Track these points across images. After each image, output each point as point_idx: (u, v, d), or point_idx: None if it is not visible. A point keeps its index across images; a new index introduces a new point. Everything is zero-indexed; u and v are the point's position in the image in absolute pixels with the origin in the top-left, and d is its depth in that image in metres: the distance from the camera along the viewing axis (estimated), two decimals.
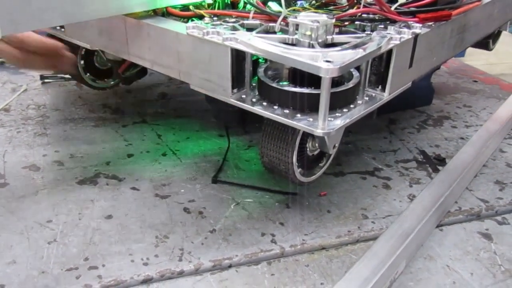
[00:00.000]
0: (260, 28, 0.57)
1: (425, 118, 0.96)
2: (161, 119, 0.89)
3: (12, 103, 0.94)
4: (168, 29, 0.58)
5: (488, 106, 1.04)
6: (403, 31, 0.55)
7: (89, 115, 0.90)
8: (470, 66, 1.30)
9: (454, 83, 1.17)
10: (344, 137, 0.58)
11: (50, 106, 0.93)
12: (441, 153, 0.82)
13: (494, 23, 0.87)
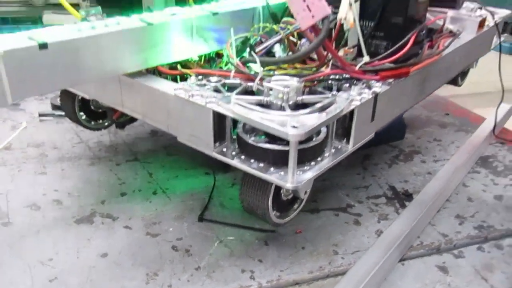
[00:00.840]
0: (239, 88, 0.64)
1: (397, 153, 1.04)
2: (152, 157, 0.96)
3: (12, 141, 1.01)
4: (158, 89, 0.65)
5: (456, 139, 1.12)
6: (363, 91, 0.63)
7: (85, 153, 0.97)
8: (443, 98, 1.38)
9: (426, 116, 1.26)
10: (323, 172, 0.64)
11: (49, 144, 1.00)
12: (409, 188, 0.90)
13: (456, 69, 0.95)
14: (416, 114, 1.26)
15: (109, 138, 1.03)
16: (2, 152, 0.96)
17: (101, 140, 1.02)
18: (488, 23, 1.04)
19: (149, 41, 0.67)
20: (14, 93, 0.54)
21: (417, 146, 1.08)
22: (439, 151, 1.07)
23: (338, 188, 0.89)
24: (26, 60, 0.54)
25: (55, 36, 0.57)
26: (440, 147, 1.09)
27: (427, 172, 0.97)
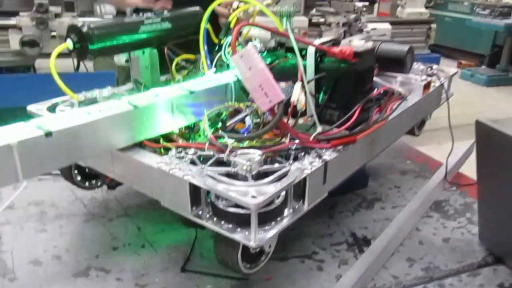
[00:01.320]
0: (212, 160, 0.77)
1: (360, 201, 1.17)
2: (140, 212, 1.08)
3: (15, 200, 1.12)
4: (144, 162, 0.78)
5: (414, 186, 1.25)
6: (314, 160, 0.77)
7: (80, 210, 1.09)
8: (405, 145, 1.52)
9: (389, 163, 1.39)
10: (293, 222, 0.76)
11: (47, 202, 1.12)
12: (368, 234, 1.02)
13: (404, 128, 1.09)
14: (380, 162, 1.40)
15: (102, 195, 1.14)
16: (6, 211, 1.07)
17: (95, 197, 1.14)
18: (434, 84, 1.20)
19: (137, 121, 0.81)
20: (25, 173, 0.66)
21: (378, 193, 1.21)
22: (398, 197, 1.19)
23: (305, 236, 1.01)
24: (35, 147, 0.67)
25: (58, 124, 0.70)
26: (399, 193, 1.21)
27: (385, 218, 1.09)
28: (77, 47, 0.92)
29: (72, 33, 0.92)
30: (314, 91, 0.92)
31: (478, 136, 0.89)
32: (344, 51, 0.87)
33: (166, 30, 1.07)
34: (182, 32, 1.13)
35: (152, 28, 1.04)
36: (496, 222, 0.95)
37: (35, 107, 0.96)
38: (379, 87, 1.08)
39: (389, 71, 1.16)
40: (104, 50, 0.96)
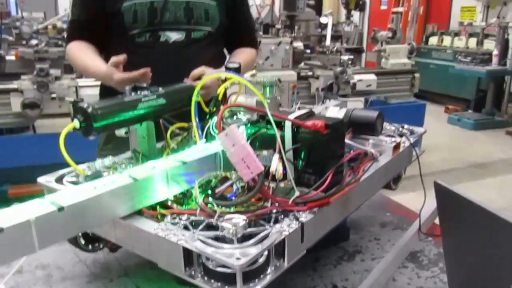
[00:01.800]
0: (203, 225, 0.88)
1: (342, 253, 1.27)
2: (140, 271, 1.17)
3: (23, 264, 1.21)
4: (142, 229, 0.88)
5: (392, 238, 1.36)
6: (292, 222, 0.88)
7: (83, 272, 1.18)
8: (386, 197, 1.64)
9: (370, 216, 1.50)
10: (278, 277, 0.85)
11: (53, 265, 1.21)
12: (348, 286, 1.11)
13: (376, 187, 1.21)
14: (361, 214, 1.50)
15: (103, 257, 1.24)
16: (15, 276, 1.16)
17: (96, 258, 1.23)
18: (404, 144, 1.33)
19: (136, 192, 0.92)
20: (40, 244, 0.77)
21: (359, 246, 1.31)
22: (377, 249, 1.29)
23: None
24: (49, 221, 0.78)
25: (69, 199, 0.82)
26: (379, 245, 1.32)
27: (365, 269, 1.19)
28: (83, 126, 1.04)
29: (78, 114, 1.05)
30: (293, 158, 1.04)
31: (438, 195, 1.00)
32: (316, 124, 1.00)
33: (161, 105, 1.20)
34: (175, 105, 1.27)
35: (149, 104, 1.17)
36: (461, 273, 1.05)
37: (45, 179, 1.07)
38: (353, 149, 1.21)
39: (362, 134, 1.29)
40: (106, 127, 1.08)
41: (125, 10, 1.62)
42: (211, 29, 1.72)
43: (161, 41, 1.66)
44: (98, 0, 1.64)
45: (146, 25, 1.64)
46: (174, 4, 1.65)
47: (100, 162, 1.15)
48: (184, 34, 1.68)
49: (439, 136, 6.14)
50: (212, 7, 1.71)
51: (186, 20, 1.67)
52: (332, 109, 1.32)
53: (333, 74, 4.58)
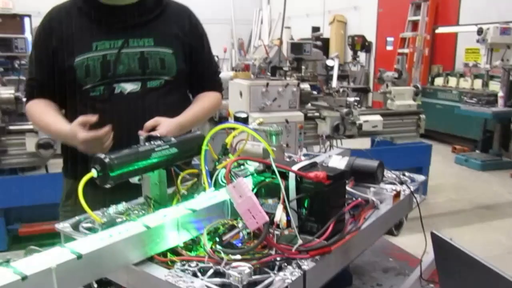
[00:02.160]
0: (211, 271, 0.94)
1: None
2: None
3: None
4: (154, 275, 0.94)
5: (395, 284, 1.39)
6: (295, 270, 0.93)
7: None
8: (389, 242, 1.68)
9: (373, 261, 1.54)
10: None
11: None
12: None
13: (378, 234, 1.26)
14: (364, 260, 1.54)
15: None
16: None
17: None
18: (404, 192, 1.38)
19: (149, 239, 0.98)
20: None
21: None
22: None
23: None
24: (69, 268, 0.84)
25: (87, 247, 0.88)
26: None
27: None
28: (100, 175, 1.12)
29: (96, 164, 1.13)
30: (297, 207, 1.10)
31: (435, 246, 1.05)
32: (318, 175, 1.06)
33: (173, 154, 1.28)
34: (186, 154, 1.35)
35: (162, 154, 1.25)
36: None
37: (62, 226, 1.14)
38: (355, 197, 1.27)
39: (363, 182, 1.35)
40: (122, 176, 1.16)
41: (78, 66, 1.60)
42: (168, 77, 1.69)
43: (116, 93, 1.63)
44: (51, 58, 1.64)
45: (99, 79, 1.62)
46: (127, 56, 1.63)
47: (114, 208, 1.22)
48: (140, 84, 1.64)
49: (446, 176, 6.16)
50: (168, 55, 1.68)
51: (141, 71, 1.64)
52: (335, 158, 1.39)
53: (340, 115, 4.67)
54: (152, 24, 1.70)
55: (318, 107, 5.04)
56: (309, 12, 13.03)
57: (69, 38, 1.63)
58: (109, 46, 1.63)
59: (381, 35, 10.77)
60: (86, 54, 1.61)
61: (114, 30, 1.65)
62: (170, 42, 1.71)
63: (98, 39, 1.63)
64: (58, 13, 1.69)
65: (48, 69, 1.66)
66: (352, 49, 9.29)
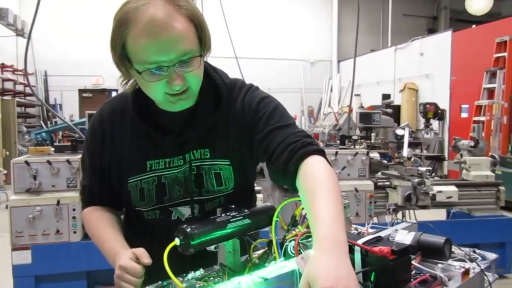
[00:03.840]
0: None
1: None
2: None
3: None
4: None
5: None
6: None
7: None
8: None
9: None
10: None
11: None
12: None
13: None
14: None
15: None
16: None
17: None
18: (474, 270, 1.37)
19: None
20: None
21: None
22: None
23: None
24: None
25: None
26: None
27: None
28: (183, 243, 1.26)
29: (179, 233, 1.27)
30: (363, 280, 1.15)
31: None
32: (383, 250, 1.12)
33: (246, 225, 1.40)
34: (258, 224, 1.45)
35: (236, 224, 1.37)
36: None
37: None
38: (423, 272, 1.29)
39: (430, 258, 1.37)
40: (202, 244, 1.29)
41: (131, 188, 1.46)
42: (226, 192, 1.50)
43: (173, 219, 1.49)
44: (106, 170, 1.50)
45: (154, 204, 1.47)
46: (184, 174, 1.45)
47: (192, 273, 1.33)
48: (198, 208, 1.49)
49: None
50: (224, 168, 1.47)
51: (197, 190, 1.46)
52: (401, 233, 1.43)
53: (411, 185, 4.59)
54: (209, 134, 1.46)
55: (388, 176, 4.99)
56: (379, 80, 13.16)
57: (121, 154, 1.47)
58: (163, 166, 1.45)
59: (455, 102, 10.58)
60: (139, 176, 1.45)
61: (169, 144, 1.44)
62: (226, 151, 1.47)
63: (154, 157, 1.45)
64: (110, 114, 1.50)
65: (103, 179, 1.51)
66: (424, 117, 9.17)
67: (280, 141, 1.34)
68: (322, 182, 1.19)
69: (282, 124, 1.39)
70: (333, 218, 1.08)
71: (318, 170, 1.24)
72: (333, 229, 1.04)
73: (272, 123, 1.40)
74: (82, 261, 3.82)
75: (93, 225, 1.52)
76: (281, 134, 1.36)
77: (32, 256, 3.74)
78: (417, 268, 1.30)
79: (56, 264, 3.76)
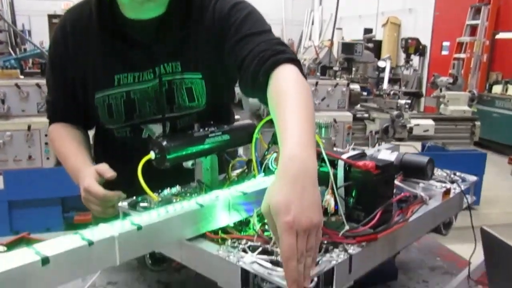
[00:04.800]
0: (259, 250, 0.98)
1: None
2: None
3: (96, 280, 1.34)
4: (206, 250, 0.99)
5: (441, 282, 1.37)
6: (341, 253, 0.95)
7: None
8: (437, 243, 1.65)
9: (420, 259, 1.52)
10: None
11: (121, 282, 1.34)
12: None
13: (424, 229, 1.26)
14: (412, 257, 1.53)
15: (166, 277, 1.35)
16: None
17: (160, 280, 1.35)
18: (455, 190, 1.36)
19: (202, 217, 1.04)
20: (121, 258, 0.89)
21: (407, 286, 1.34)
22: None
23: None
24: (129, 238, 0.90)
25: (146, 220, 0.94)
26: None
27: None
28: (158, 157, 1.19)
29: (154, 146, 1.20)
30: (344, 195, 1.12)
31: (484, 243, 1.04)
32: (367, 164, 1.08)
33: (225, 141, 1.34)
34: (238, 141, 1.40)
35: (215, 140, 1.31)
36: None
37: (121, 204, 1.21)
38: (403, 191, 1.27)
39: (412, 178, 1.35)
40: (178, 159, 1.23)
41: (99, 104, 1.37)
42: (199, 109, 1.43)
43: (144, 138, 1.43)
44: (70, 84, 1.41)
45: (124, 120, 1.39)
46: (154, 90, 1.38)
47: (168, 190, 1.28)
48: (169, 126, 1.43)
49: (501, 189, 5.90)
50: (196, 82, 1.39)
51: (168, 107, 1.40)
52: (384, 152, 1.39)
53: (390, 117, 4.60)
54: (180, 45, 1.36)
55: (367, 108, 4.99)
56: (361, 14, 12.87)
57: (86, 67, 1.37)
58: (132, 80, 1.36)
59: (437, 39, 10.48)
60: (107, 91, 1.36)
61: (138, 57, 1.35)
62: (197, 63, 1.38)
63: (122, 71, 1.36)
64: (73, 26, 1.37)
65: (67, 94, 1.42)
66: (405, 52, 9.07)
67: (250, 49, 1.20)
68: (291, 96, 1.03)
69: (255, 31, 1.25)
70: (301, 138, 0.92)
71: (288, 82, 1.09)
72: (299, 151, 0.89)
73: (244, 29, 1.26)
74: (56, 187, 3.78)
75: (57, 142, 1.45)
76: (253, 41, 1.22)
77: (4, 181, 3.66)
78: (398, 187, 1.27)
79: (29, 189, 3.70)
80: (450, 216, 1.43)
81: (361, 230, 1.05)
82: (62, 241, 0.84)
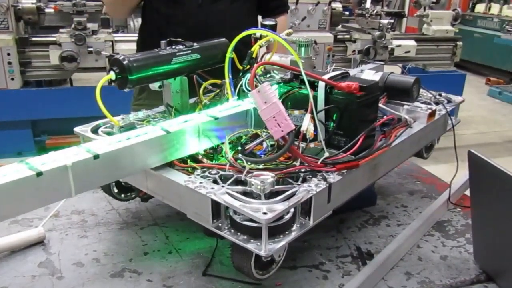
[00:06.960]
0: (232, 179, 0.90)
1: (368, 218, 1.27)
2: (169, 222, 1.21)
3: (59, 209, 1.27)
4: (173, 180, 0.91)
5: (420, 206, 1.34)
6: (320, 182, 0.88)
7: (116, 219, 1.23)
8: (416, 166, 1.61)
9: (399, 183, 1.49)
10: (303, 235, 0.87)
11: (88, 211, 1.26)
12: (372, 249, 1.12)
13: (408, 153, 1.19)
14: (390, 181, 1.49)
15: (135, 206, 1.29)
16: (52, 219, 1.22)
17: (129, 208, 1.28)
18: (440, 112, 1.29)
19: (168, 144, 0.94)
20: (77, 189, 0.80)
21: (385, 211, 1.31)
22: (403, 216, 1.29)
23: (314, 248, 1.12)
24: (85, 167, 0.81)
25: (104, 148, 0.84)
26: (405, 212, 1.31)
27: (389, 235, 1.19)
28: (119, 78, 1.06)
29: (114, 66, 1.07)
30: (324, 120, 1.03)
31: (471, 166, 0.98)
32: (350, 85, 0.98)
33: (195, 60, 1.21)
34: (209, 61, 1.27)
35: (183, 59, 1.18)
36: (488, 245, 1.04)
37: (81, 129, 1.11)
38: (387, 114, 1.19)
39: (397, 100, 1.26)
40: (141, 80, 1.10)
41: None
42: None
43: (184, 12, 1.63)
44: None
45: None
46: None
47: (134, 114, 1.17)
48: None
49: (478, 109, 5.96)
50: None
51: None
52: (368, 72, 1.29)
53: (371, 38, 4.45)
54: None
55: (349, 29, 4.80)
56: None
57: None
58: None
59: None
60: None
61: None
62: None
63: None
64: None
65: None
66: None
67: None
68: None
69: None
70: None
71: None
72: None
73: None
74: (24, 109, 3.62)
75: None
76: None
77: None
78: (381, 110, 1.19)
79: None
80: (433, 139, 1.37)
81: (342, 156, 0.97)
82: (5, 171, 0.74)
